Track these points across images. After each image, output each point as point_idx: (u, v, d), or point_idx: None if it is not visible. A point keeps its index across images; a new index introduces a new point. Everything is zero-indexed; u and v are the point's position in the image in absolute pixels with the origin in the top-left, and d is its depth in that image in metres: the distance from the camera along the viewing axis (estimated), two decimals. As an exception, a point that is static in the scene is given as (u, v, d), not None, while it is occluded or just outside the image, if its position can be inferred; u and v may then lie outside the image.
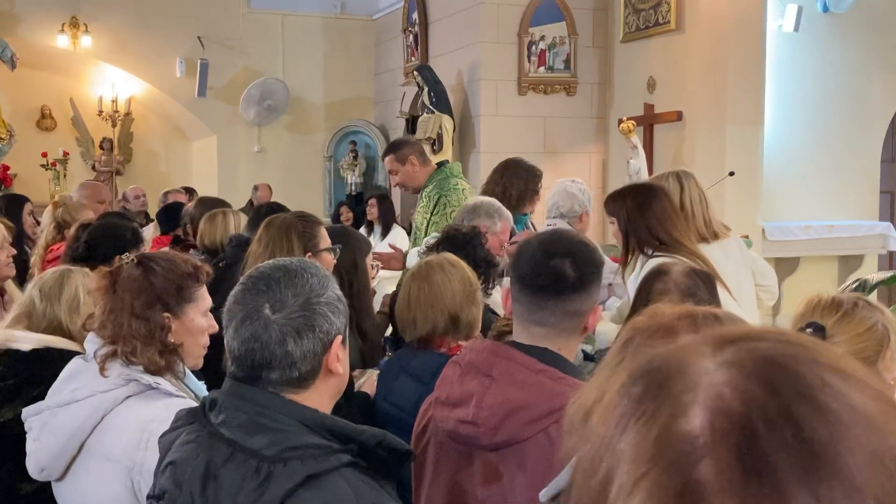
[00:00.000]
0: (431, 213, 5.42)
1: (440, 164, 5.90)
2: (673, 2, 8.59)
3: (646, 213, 3.67)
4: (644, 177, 8.29)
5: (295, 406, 1.75)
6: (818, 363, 0.68)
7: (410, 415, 2.62)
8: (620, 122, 8.61)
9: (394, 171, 5.69)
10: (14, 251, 4.37)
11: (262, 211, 4.67)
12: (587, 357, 3.14)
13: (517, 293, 2.16)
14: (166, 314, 2.41)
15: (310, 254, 3.47)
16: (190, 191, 8.96)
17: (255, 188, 10.87)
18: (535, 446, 2.03)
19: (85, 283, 2.98)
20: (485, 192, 5.17)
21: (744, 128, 8.49)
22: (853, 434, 0.63)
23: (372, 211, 9.14)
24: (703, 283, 2.76)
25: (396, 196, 10.44)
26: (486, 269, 3.63)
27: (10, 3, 11.56)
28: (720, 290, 2.97)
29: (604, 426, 0.72)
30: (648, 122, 9.00)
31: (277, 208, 4.68)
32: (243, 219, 5.31)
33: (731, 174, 7.13)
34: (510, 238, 4.47)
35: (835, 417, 0.63)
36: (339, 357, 1.83)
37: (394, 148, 5.87)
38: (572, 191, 4.91)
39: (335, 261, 3.58)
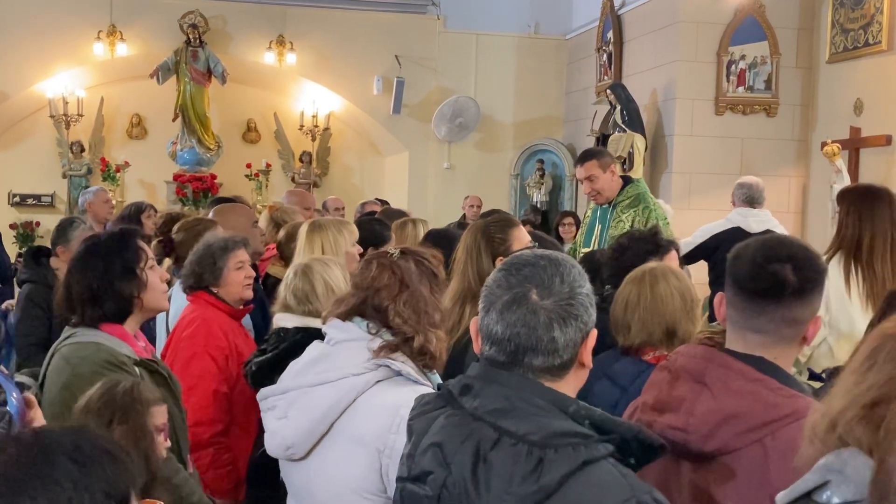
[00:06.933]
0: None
1: (626, 179, 5.88)
2: (885, 22, 8.16)
3: None
4: (847, 203, 7.90)
5: (555, 393, 1.75)
6: None
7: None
8: (824, 144, 8.24)
9: (592, 178, 5.68)
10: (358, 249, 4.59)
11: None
12: (813, 376, 3.01)
13: (733, 297, 2.08)
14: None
15: (500, 257, 3.50)
16: (385, 202, 9.18)
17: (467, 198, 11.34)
18: (748, 457, 1.95)
19: (324, 269, 3.42)
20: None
21: (961, 153, 7.94)
22: None
23: (570, 230, 9.24)
24: None
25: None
26: None
27: (223, 22, 12.29)
28: None
29: None
30: (855, 145, 8.56)
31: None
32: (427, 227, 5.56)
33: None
34: None
35: None
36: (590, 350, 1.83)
37: (596, 154, 5.87)
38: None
39: None
